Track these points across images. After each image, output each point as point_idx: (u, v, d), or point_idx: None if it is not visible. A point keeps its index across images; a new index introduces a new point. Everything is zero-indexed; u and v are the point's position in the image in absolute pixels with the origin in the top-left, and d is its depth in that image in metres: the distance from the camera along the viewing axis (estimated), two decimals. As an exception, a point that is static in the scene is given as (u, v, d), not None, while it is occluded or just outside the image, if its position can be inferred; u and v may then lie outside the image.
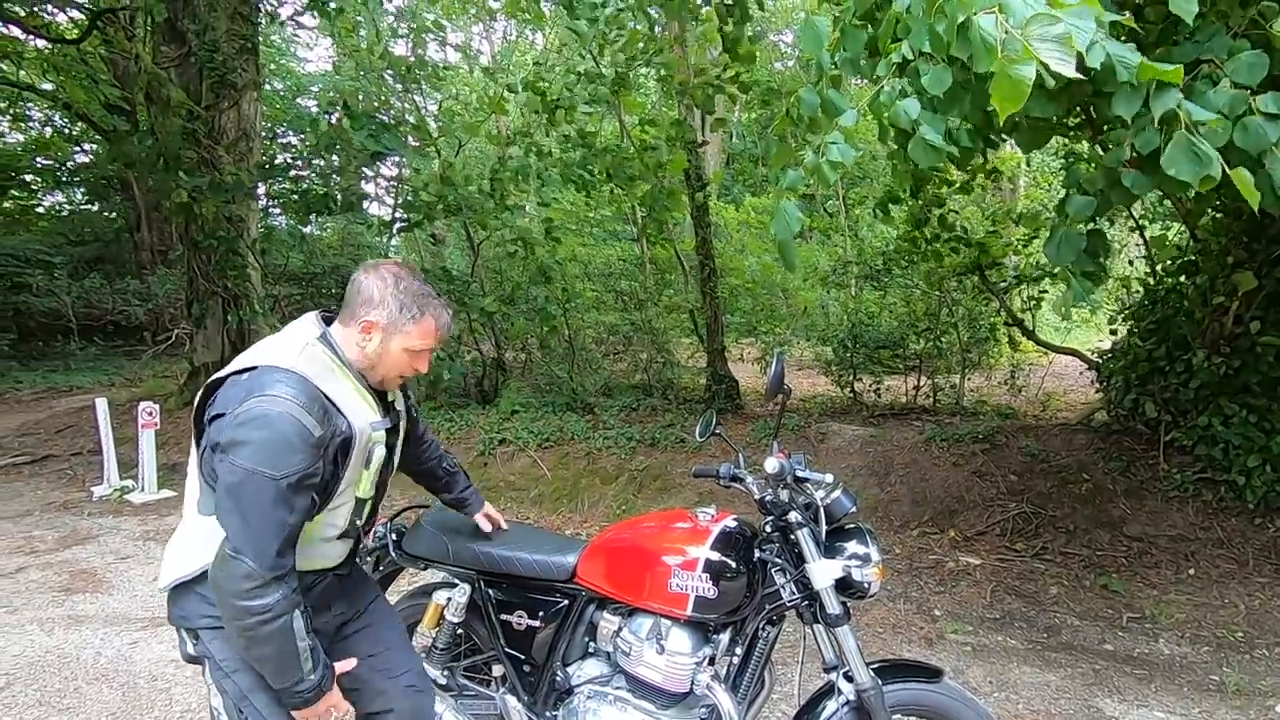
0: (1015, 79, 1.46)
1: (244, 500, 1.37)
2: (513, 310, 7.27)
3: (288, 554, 1.42)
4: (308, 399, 1.43)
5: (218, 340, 8.42)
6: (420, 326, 1.58)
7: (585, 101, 5.53)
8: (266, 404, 1.39)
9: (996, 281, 5.87)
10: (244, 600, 1.37)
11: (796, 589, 1.87)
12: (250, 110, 8.56)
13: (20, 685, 3.04)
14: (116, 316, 13.12)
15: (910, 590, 3.94)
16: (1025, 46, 1.45)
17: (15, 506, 5.64)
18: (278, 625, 1.39)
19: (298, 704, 1.48)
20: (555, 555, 2.10)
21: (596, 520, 5.03)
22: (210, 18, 8.14)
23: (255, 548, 1.37)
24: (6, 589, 4.04)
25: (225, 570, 1.38)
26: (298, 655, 1.42)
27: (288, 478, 1.38)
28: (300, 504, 1.42)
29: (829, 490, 1.87)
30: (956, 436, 5.09)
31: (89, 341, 12.75)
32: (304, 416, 1.40)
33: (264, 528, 1.37)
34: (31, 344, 12.24)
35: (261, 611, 1.37)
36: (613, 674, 2.02)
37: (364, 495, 1.64)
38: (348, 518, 1.64)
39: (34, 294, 12.41)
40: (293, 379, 1.45)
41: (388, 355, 1.58)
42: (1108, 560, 4.05)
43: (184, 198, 6.91)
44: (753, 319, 8.26)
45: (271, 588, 1.38)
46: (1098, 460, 4.65)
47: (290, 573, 1.42)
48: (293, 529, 1.41)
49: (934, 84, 1.72)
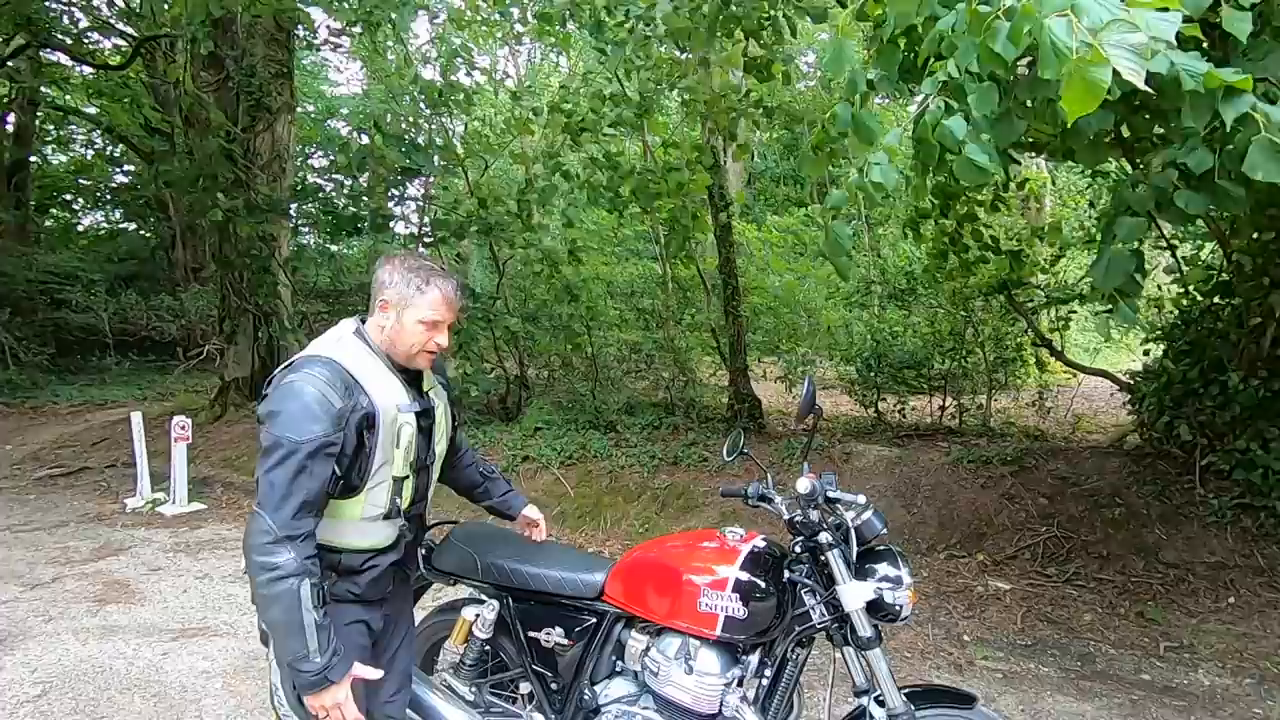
0: (1090, 81, 1.40)
1: (271, 462, 1.53)
2: (536, 328, 7.34)
3: (304, 518, 1.53)
4: (332, 375, 1.61)
5: (248, 356, 8.59)
6: (427, 297, 1.71)
7: (610, 124, 5.61)
8: (296, 379, 1.60)
9: (1023, 301, 5.81)
10: (259, 555, 1.49)
11: (827, 611, 1.86)
12: (284, 132, 8.81)
13: (56, 693, 3.10)
14: (150, 332, 13.46)
15: (938, 615, 3.87)
16: (1097, 51, 1.39)
17: (52, 517, 5.78)
18: (285, 586, 1.48)
19: (303, 684, 1.53)
20: (583, 573, 2.11)
21: (619, 539, 5.03)
22: (248, 44, 8.42)
23: (274, 506, 1.50)
24: (44, 598, 4.13)
25: (249, 526, 1.53)
26: (303, 626, 1.50)
27: (308, 443, 1.52)
28: (320, 470, 1.54)
29: (859, 511, 1.86)
30: (984, 458, 5.02)
31: (124, 356, 13.08)
32: (326, 390, 1.57)
33: (284, 489, 1.51)
34: (69, 358, 12.57)
35: (272, 568, 1.48)
36: (640, 693, 2.01)
37: (400, 474, 1.73)
38: (387, 497, 1.73)
39: (73, 310, 12.77)
40: (322, 360, 1.64)
41: (404, 329, 1.72)
42: (1143, 587, 3.95)
43: (219, 217, 7.11)
44: (775, 338, 8.23)
45: (284, 545, 1.49)
46: (1131, 484, 4.56)
47: (305, 539, 1.53)
48: (311, 494, 1.53)
49: (980, 103, 1.70)
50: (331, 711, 1.56)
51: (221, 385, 8.72)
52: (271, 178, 8.46)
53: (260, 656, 3.44)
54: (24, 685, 3.16)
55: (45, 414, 9.90)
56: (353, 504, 1.68)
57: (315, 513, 1.57)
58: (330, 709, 1.56)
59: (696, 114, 5.91)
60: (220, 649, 3.52)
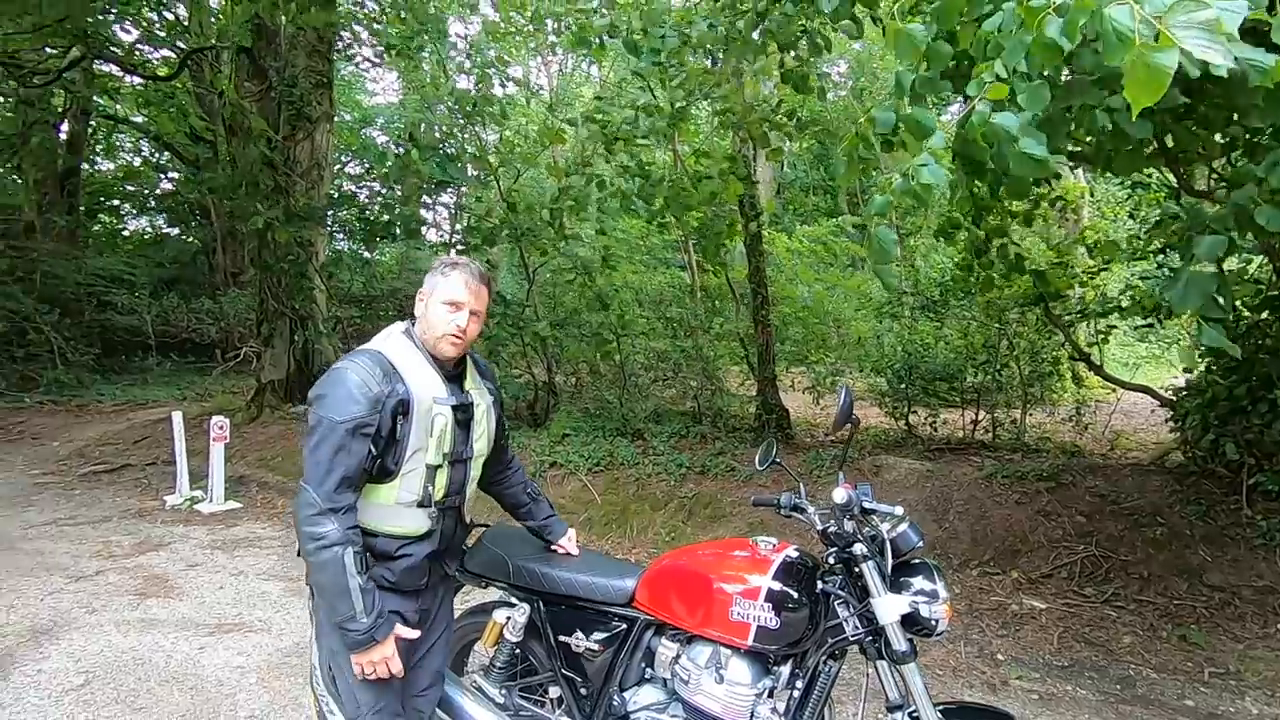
0: (1154, 67, 1.34)
1: (314, 440, 1.69)
2: (565, 335, 7.39)
3: (344, 492, 1.69)
4: (373, 364, 1.76)
5: (284, 359, 8.78)
6: (449, 280, 1.85)
7: (642, 135, 5.64)
8: (341, 366, 1.76)
9: (1061, 314, 5.69)
10: (306, 526, 1.66)
11: (861, 623, 1.83)
12: (323, 141, 9.03)
13: (98, 683, 3.19)
14: (191, 334, 13.84)
15: (970, 632, 3.80)
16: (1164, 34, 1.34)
17: (96, 512, 5.96)
18: (330, 554, 1.64)
19: (351, 644, 1.70)
20: (614, 578, 2.12)
21: (645, 546, 5.02)
22: (290, 55, 8.67)
23: (317, 480, 1.67)
24: (88, 590, 4.26)
25: (297, 500, 1.70)
26: (348, 590, 1.65)
27: (346, 423, 1.68)
28: (357, 449, 1.69)
29: (895, 523, 1.84)
30: (1019, 474, 4.92)
31: (165, 357, 13.47)
32: (366, 376, 1.72)
33: (326, 464, 1.67)
34: (114, 359, 12.98)
35: (319, 538, 1.65)
36: (669, 701, 2.01)
37: (433, 462, 1.82)
38: (420, 484, 1.81)
39: (118, 312, 13.20)
40: (368, 352, 1.80)
41: (429, 314, 1.85)
42: (1186, 610, 3.83)
43: (260, 225, 7.30)
44: (804, 348, 8.17)
45: (328, 517, 1.65)
46: (1174, 503, 4.42)
47: (346, 511, 1.69)
48: (350, 470, 1.68)
49: (1031, 101, 1.67)
50: (379, 666, 1.72)
51: (258, 387, 8.92)
52: (310, 185, 8.68)
53: (292, 654, 3.50)
54: (69, 674, 3.26)
55: (90, 412, 10.23)
56: (388, 488, 1.79)
57: (355, 488, 1.72)
58: (377, 664, 1.72)
59: (728, 124, 5.92)
60: (254, 645, 3.59)
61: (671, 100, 5.61)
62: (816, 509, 1.98)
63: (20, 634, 3.66)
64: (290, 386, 8.79)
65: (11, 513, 5.93)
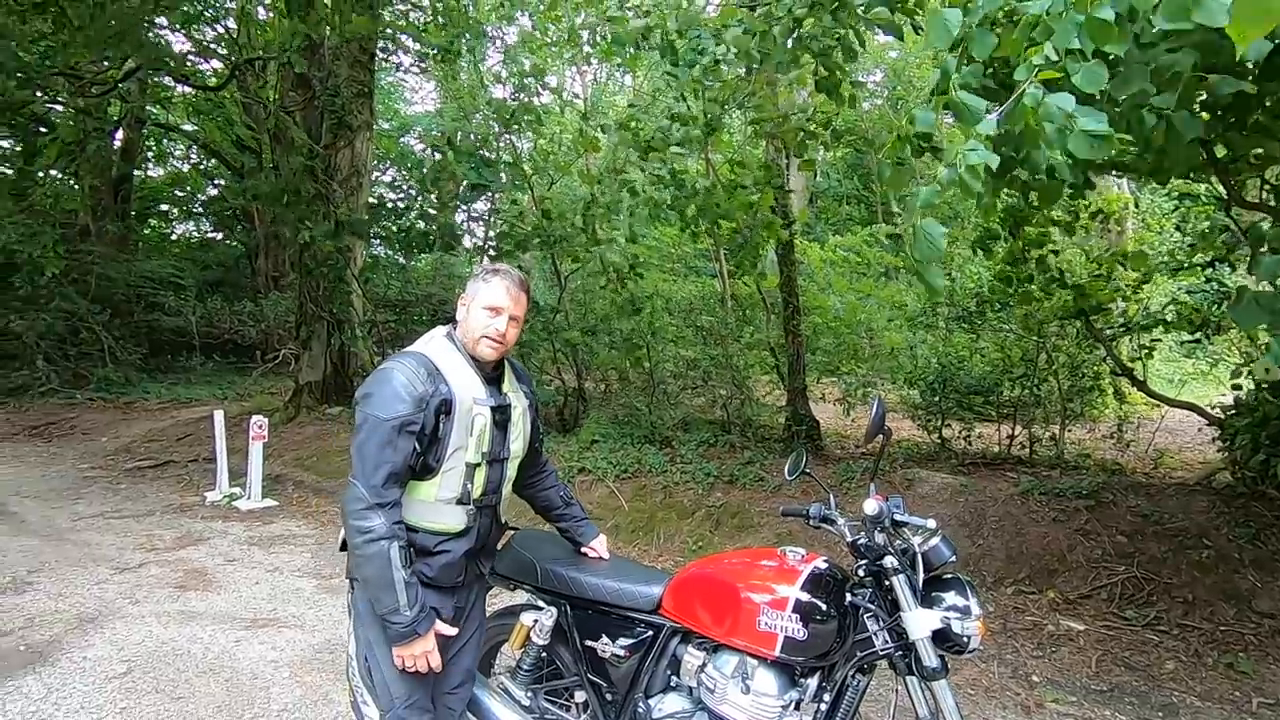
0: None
1: (361, 437, 1.76)
2: (595, 341, 7.43)
3: (391, 487, 1.75)
4: (417, 365, 1.82)
5: (321, 361, 8.99)
6: (491, 285, 1.92)
7: (677, 143, 5.67)
8: (387, 367, 1.84)
9: (1103, 328, 5.54)
10: (354, 520, 1.72)
11: (890, 638, 1.81)
12: (363, 149, 9.26)
13: (139, 673, 3.29)
14: (233, 336, 14.25)
15: (1005, 652, 3.70)
16: None
17: (141, 506, 6.16)
18: (377, 548, 1.70)
19: (394, 636, 1.76)
20: (641, 585, 2.12)
21: (672, 554, 5.01)
22: (334, 66, 8.91)
23: (365, 476, 1.73)
24: (130, 582, 4.40)
25: (346, 495, 1.76)
26: (393, 583, 1.71)
27: (393, 420, 1.74)
28: (403, 446, 1.75)
29: (927, 537, 1.82)
30: (1057, 491, 4.79)
31: (208, 358, 13.88)
32: (411, 375, 1.79)
33: (374, 460, 1.73)
34: (160, 358, 13.42)
35: (366, 531, 1.71)
36: (694, 710, 2.00)
37: (473, 460, 1.87)
38: (460, 482, 1.87)
39: (165, 313, 13.65)
40: (412, 354, 1.88)
41: (470, 318, 1.92)
42: (1233, 637, 3.68)
43: (306, 238, 7.51)
44: (835, 358, 8.08)
45: (375, 512, 1.71)
46: (1220, 525, 4.26)
47: (393, 506, 1.75)
48: (396, 466, 1.74)
49: (1088, 81, 1.63)
50: (419, 660, 1.78)
51: (296, 388, 9.14)
52: (349, 192, 8.89)
53: (323, 650, 3.57)
54: (112, 663, 3.37)
55: (137, 409, 10.58)
56: (429, 485, 1.86)
57: (400, 484, 1.78)
58: (418, 657, 1.77)
59: (763, 133, 5.90)
60: (288, 640, 3.67)
61: (705, 110, 5.62)
62: (846, 521, 1.96)
63: (68, 622, 3.80)
64: (327, 388, 8.99)
65: (62, 505, 6.16)
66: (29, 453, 8.35)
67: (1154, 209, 10.78)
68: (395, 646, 1.77)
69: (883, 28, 3.60)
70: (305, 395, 8.93)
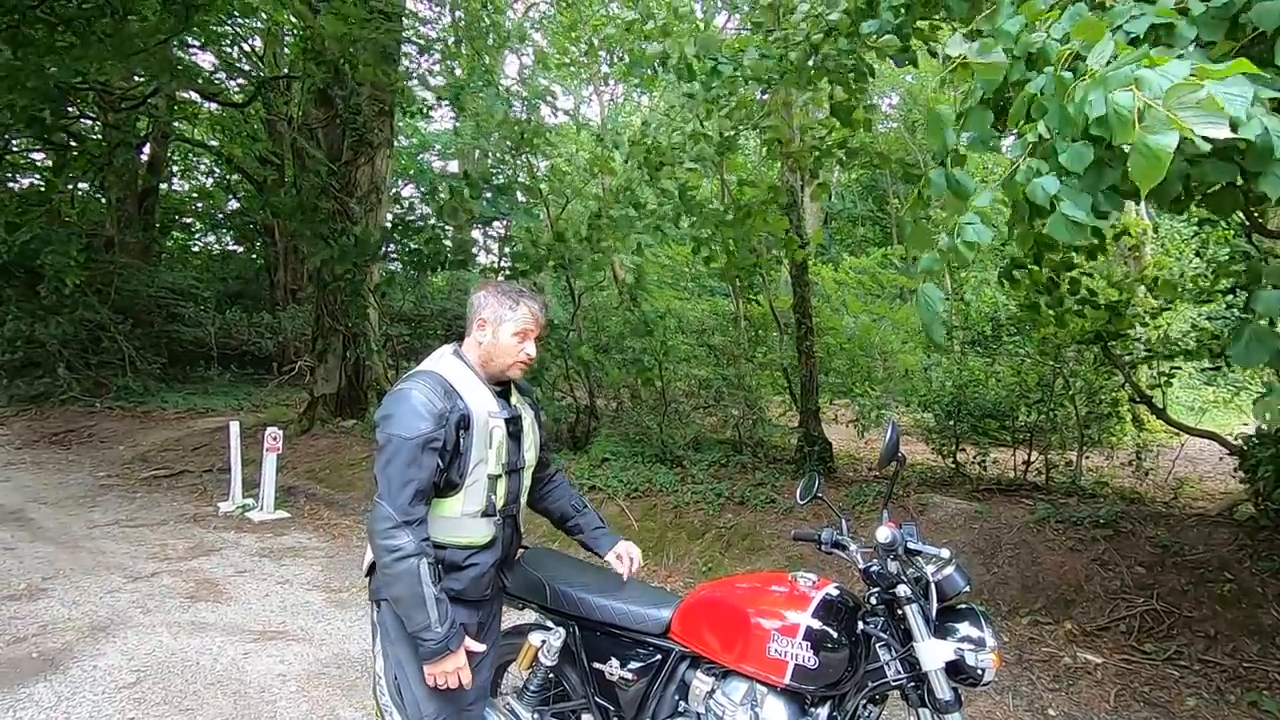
0: (1154, 149, 1.43)
1: (386, 457, 1.78)
2: (608, 360, 7.45)
3: (417, 506, 1.77)
4: (433, 383, 1.86)
5: (336, 374, 9.07)
6: (518, 312, 1.95)
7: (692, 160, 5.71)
8: (404, 387, 1.86)
9: (1121, 354, 5.47)
10: (382, 539, 1.73)
11: (902, 668, 1.79)
12: (382, 166, 9.41)
13: (149, 683, 3.30)
14: (250, 347, 14.42)
15: (1020, 684, 3.63)
16: (1170, 116, 1.42)
17: (155, 515, 6.21)
18: (406, 566, 1.72)
19: (426, 654, 1.77)
20: (650, 607, 2.11)
21: (681, 576, 4.97)
22: (356, 84, 9.09)
23: (392, 495, 1.75)
24: (143, 591, 4.43)
25: (373, 515, 1.78)
26: (424, 600, 1.73)
27: (416, 438, 1.76)
28: (427, 462, 1.78)
29: (941, 566, 1.80)
30: (1074, 519, 4.71)
31: (225, 368, 14.05)
32: (429, 394, 1.82)
33: (400, 479, 1.75)
34: (178, 368, 13.59)
35: (395, 549, 1.72)
36: (703, 737, 1.98)
37: (494, 472, 1.91)
38: (484, 494, 1.90)
39: (185, 324, 13.85)
40: (425, 373, 1.91)
41: (499, 343, 1.95)
42: (1257, 674, 3.58)
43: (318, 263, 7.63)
44: (849, 380, 8.05)
45: (403, 530, 1.73)
46: (1243, 558, 4.17)
47: (420, 523, 1.77)
48: (422, 483, 1.77)
49: (1073, 161, 1.69)
50: (450, 677, 1.79)
51: (310, 400, 9.21)
52: (368, 208, 9.02)
53: (330, 665, 3.56)
54: (122, 672, 3.39)
55: (154, 419, 10.71)
56: (454, 501, 1.89)
57: (426, 501, 1.81)
58: (450, 674, 1.79)
59: (777, 154, 5.93)
60: (296, 654, 3.67)
61: (720, 130, 5.67)
62: (859, 547, 1.95)
63: (80, 630, 3.82)
64: (341, 401, 9.06)
65: (78, 512, 6.23)
66: (48, 459, 8.46)
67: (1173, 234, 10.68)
68: (427, 664, 1.78)
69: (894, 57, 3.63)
70: (320, 407, 9.00)
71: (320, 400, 9.07)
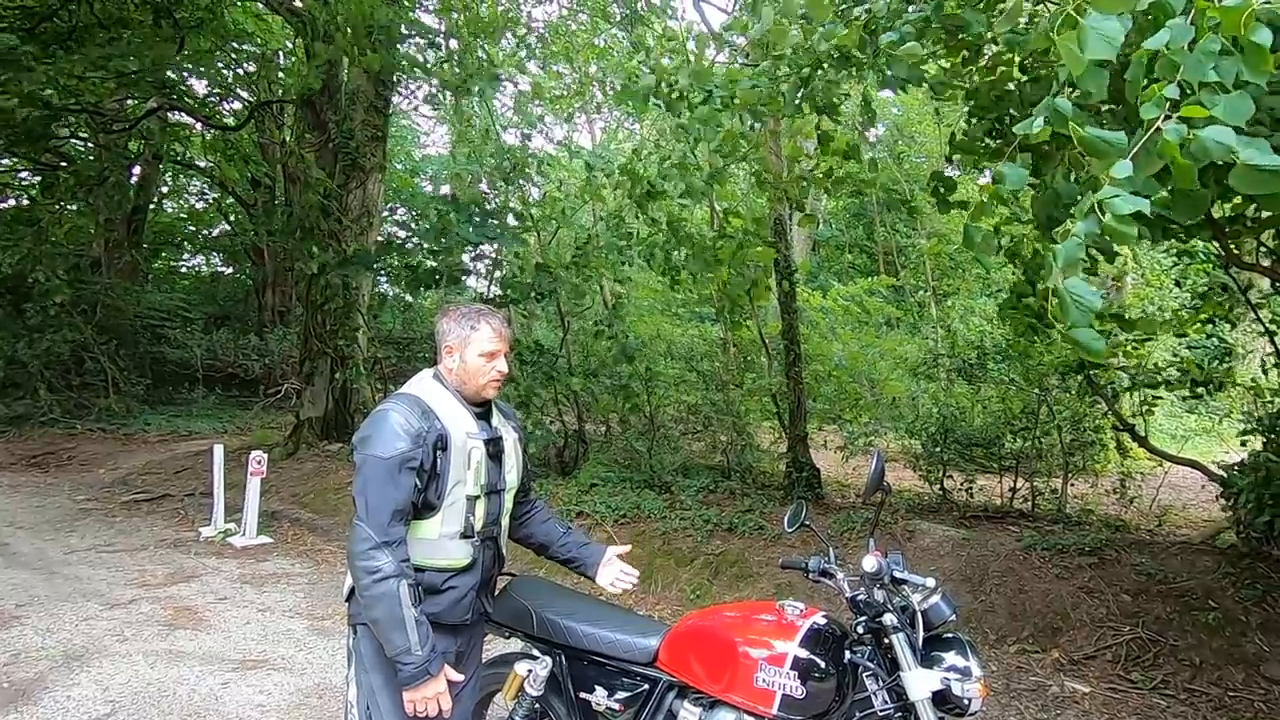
0: None
1: (364, 478, 1.79)
2: (597, 385, 7.46)
3: (396, 526, 1.78)
4: (411, 405, 1.89)
5: (323, 397, 9.00)
6: (480, 333, 1.97)
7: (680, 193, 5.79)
8: (382, 409, 1.90)
9: (1105, 383, 5.55)
10: (361, 560, 1.74)
11: (890, 698, 1.79)
12: (374, 190, 9.46)
13: (124, 714, 3.22)
14: (236, 369, 14.27)
15: (1008, 714, 3.61)
16: None
17: (134, 540, 6.10)
18: (385, 588, 1.71)
19: (405, 678, 1.74)
20: (637, 636, 2.10)
21: (669, 603, 4.93)
22: (349, 109, 9.18)
23: (370, 515, 1.76)
24: (120, 619, 4.33)
25: (351, 536, 1.79)
26: (403, 622, 1.72)
27: (393, 458, 1.78)
28: (405, 482, 1.79)
29: (927, 595, 1.81)
30: (1060, 546, 4.73)
31: (210, 390, 13.89)
32: (406, 414, 1.85)
33: (378, 500, 1.76)
34: (162, 390, 13.43)
35: (374, 570, 1.72)
36: (690, 769, 1.96)
37: (473, 493, 1.91)
38: (463, 516, 1.91)
39: (170, 345, 13.72)
40: (404, 395, 1.95)
41: (468, 365, 1.97)
42: (1243, 703, 3.59)
43: (314, 269, 7.63)
44: (837, 407, 8.09)
45: (383, 551, 1.73)
46: (1226, 586, 4.20)
47: (399, 544, 1.77)
48: (400, 503, 1.78)
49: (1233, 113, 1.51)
50: (430, 703, 1.77)
51: (297, 424, 9.13)
52: (360, 231, 9.05)
53: (312, 694, 3.49)
54: (95, 703, 3.30)
55: (136, 441, 10.55)
56: (432, 523, 1.89)
57: (405, 521, 1.81)
58: (429, 700, 1.76)
59: (765, 185, 6.03)
60: (276, 684, 3.59)
61: (710, 161, 5.76)
62: (846, 575, 1.95)
63: (54, 659, 3.73)
64: (328, 424, 8.98)
65: (55, 537, 6.10)
66: (25, 483, 8.30)
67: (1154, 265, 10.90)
68: (406, 689, 1.76)
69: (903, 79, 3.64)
70: (306, 431, 8.92)
71: (306, 423, 8.99)
